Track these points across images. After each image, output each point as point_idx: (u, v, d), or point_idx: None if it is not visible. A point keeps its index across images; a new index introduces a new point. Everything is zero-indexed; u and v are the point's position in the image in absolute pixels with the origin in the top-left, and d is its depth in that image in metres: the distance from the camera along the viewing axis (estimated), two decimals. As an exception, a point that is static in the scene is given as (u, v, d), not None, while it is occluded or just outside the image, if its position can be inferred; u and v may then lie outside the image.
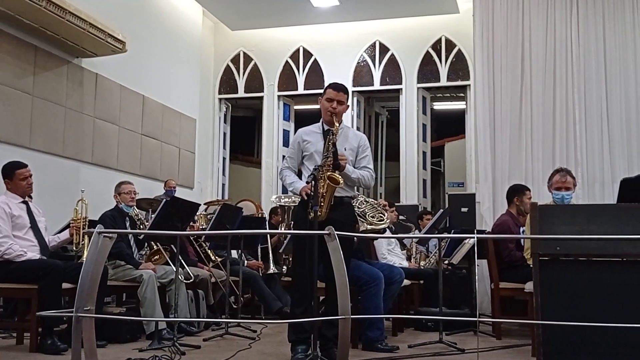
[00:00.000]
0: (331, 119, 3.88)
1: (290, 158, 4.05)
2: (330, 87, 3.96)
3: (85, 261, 2.92)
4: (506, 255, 5.10)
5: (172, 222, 4.62)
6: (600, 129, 7.47)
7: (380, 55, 9.39)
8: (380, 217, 4.44)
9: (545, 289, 2.80)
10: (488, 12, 7.96)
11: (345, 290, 2.87)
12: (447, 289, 6.24)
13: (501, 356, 4.34)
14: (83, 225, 4.60)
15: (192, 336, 5.00)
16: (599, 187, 7.33)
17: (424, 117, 9.42)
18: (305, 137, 3.99)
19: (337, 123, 3.85)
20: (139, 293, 4.81)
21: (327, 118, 3.92)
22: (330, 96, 3.89)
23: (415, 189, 9.18)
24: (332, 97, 3.89)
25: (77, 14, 6.15)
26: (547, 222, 2.83)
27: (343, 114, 3.98)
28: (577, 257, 2.79)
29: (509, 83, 7.79)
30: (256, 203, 8.58)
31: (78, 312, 2.80)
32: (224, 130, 10.18)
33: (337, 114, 3.87)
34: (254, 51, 9.86)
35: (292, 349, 3.84)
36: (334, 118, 3.85)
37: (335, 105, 3.87)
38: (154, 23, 8.31)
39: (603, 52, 7.59)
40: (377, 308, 4.44)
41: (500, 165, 7.65)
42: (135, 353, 4.07)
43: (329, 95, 3.90)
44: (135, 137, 7.87)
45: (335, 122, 3.81)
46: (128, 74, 7.67)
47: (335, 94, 3.90)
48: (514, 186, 5.70)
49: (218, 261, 6.06)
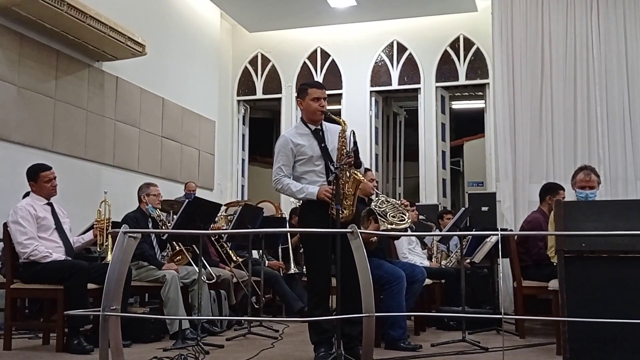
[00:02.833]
0: (321, 117, 3.89)
1: (285, 166, 3.89)
2: (314, 87, 3.93)
3: (111, 261, 2.95)
4: (535, 253, 5.05)
5: (194, 222, 4.64)
6: (622, 127, 7.39)
7: (398, 54, 9.38)
8: (402, 217, 4.42)
9: (570, 286, 2.79)
10: (507, 10, 7.90)
11: (369, 288, 2.88)
12: (469, 288, 6.21)
13: (526, 355, 4.31)
14: (106, 226, 4.65)
15: (215, 336, 5.03)
16: (622, 185, 7.25)
17: (443, 117, 9.38)
18: (296, 141, 3.89)
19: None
20: (162, 293, 4.86)
21: (317, 117, 3.90)
22: (317, 95, 3.87)
23: (435, 188, 9.15)
24: (319, 95, 3.87)
25: (97, 18, 6.22)
26: (572, 218, 2.81)
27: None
28: (603, 253, 2.78)
29: (529, 81, 7.73)
30: (275, 204, 8.60)
31: (105, 311, 2.83)
32: (243, 131, 10.23)
33: (326, 112, 3.88)
34: (271, 53, 9.90)
35: (315, 349, 3.85)
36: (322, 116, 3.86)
37: (323, 103, 3.87)
38: (172, 26, 8.38)
39: (624, 49, 7.51)
40: (399, 307, 4.43)
41: (520, 163, 7.59)
42: (160, 352, 4.11)
43: (315, 94, 3.87)
44: (156, 139, 7.94)
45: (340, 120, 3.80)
46: (148, 77, 7.74)
47: (321, 92, 3.89)
48: (548, 184, 5.65)
49: (239, 261, 6.09)
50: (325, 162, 3.85)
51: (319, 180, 3.84)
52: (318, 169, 3.86)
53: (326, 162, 3.84)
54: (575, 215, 2.82)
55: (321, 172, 3.85)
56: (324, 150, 3.87)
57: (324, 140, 3.90)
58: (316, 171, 3.86)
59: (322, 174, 3.85)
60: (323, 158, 3.86)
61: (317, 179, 3.84)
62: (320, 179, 3.84)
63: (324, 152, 3.87)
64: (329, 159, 3.84)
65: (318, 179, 3.84)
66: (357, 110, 9.38)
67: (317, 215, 3.74)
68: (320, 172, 3.85)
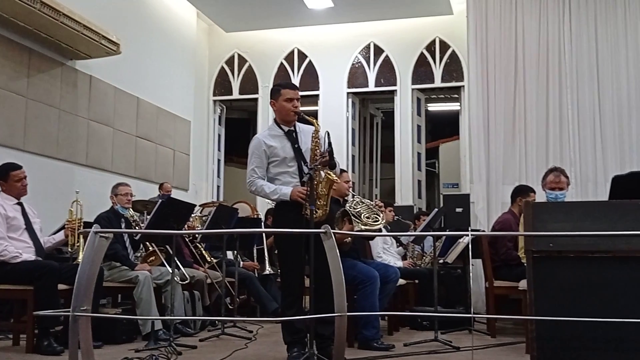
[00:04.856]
0: (294, 118, 3.90)
1: (258, 168, 3.89)
2: (287, 87, 3.93)
3: (81, 261, 2.92)
4: (503, 253, 5.12)
5: (167, 223, 4.62)
6: (592, 129, 7.53)
7: (375, 56, 9.42)
8: (376, 217, 4.45)
9: (538, 286, 2.82)
10: (481, 13, 8.00)
11: (342, 288, 2.89)
12: (442, 288, 6.26)
13: (496, 354, 4.36)
14: (78, 226, 4.60)
15: (189, 337, 5.00)
16: (592, 186, 7.38)
17: (419, 119, 9.45)
18: (269, 142, 3.90)
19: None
20: (135, 294, 4.82)
21: (290, 118, 3.91)
22: (290, 96, 3.88)
23: (410, 190, 9.20)
24: (292, 96, 3.88)
25: (70, 16, 6.15)
26: (541, 219, 2.85)
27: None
28: (570, 253, 2.82)
29: (503, 84, 7.83)
30: (251, 205, 8.59)
31: (75, 312, 2.80)
32: (219, 132, 10.19)
33: (299, 113, 3.89)
34: (248, 53, 9.88)
35: (288, 349, 3.86)
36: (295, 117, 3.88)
37: (296, 104, 3.88)
38: (148, 25, 8.32)
39: (595, 52, 7.65)
40: (372, 307, 4.46)
41: (494, 165, 7.69)
42: (132, 353, 4.07)
43: (288, 95, 3.88)
44: (130, 139, 7.87)
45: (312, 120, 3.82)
46: (122, 76, 7.67)
47: (294, 92, 3.90)
48: (520, 187, 5.74)
49: (214, 262, 6.06)
50: (299, 163, 3.85)
51: (292, 181, 3.84)
52: (291, 170, 3.87)
53: (299, 163, 3.85)
54: (543, 216, 2.85)
55: (295, 173, 3.86)
56: (297, 151, 3.88)
57: (297, 141, 3.91)
58: (290, 172, 3.87)
59: (296, 175, 3.85)
60: (296, 159, 3.87)
61: (290, 180, 3.85)
62: (294, 179, 3.85)
63: (297, 153, 3.88)
64: (302, 160, 3.84)
65: (292, 179, 3.85)
66: (334, 112, 9.40)
67: (291, 216, 3.74)
68: (294, 173, 3.86)
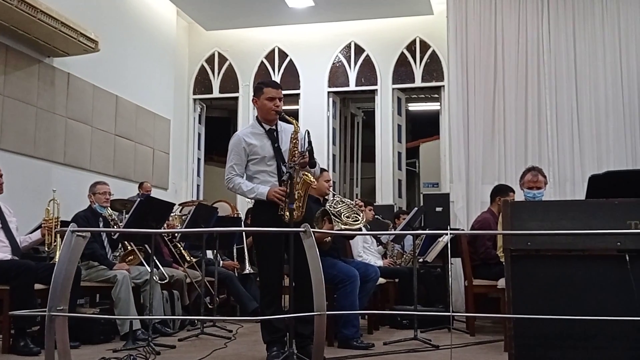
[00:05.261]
0: (275, 117, 3.89)
1: (237, 165, 3.90)
2: (269, 86, 3.92)
3: (58, 260, 2.89)
4: (482, 252, 5.17)
5: (146, 222, 4.58)
6: (570, 129, 7.62)
7: (356, 56, 9.43)
8: (356, 217, 4.45)
9: (516, 284, 2.84)
10: (461, 13, 8.06)
11: (321, 287, 2.89)
12: (422, 287, 6.30)
13: (475, 352, 4.39)
14: (55, 225, 4.54)
15: (167, 336, 4.97)
16: (570, 186, 7.47)
17: (399, 118, 9.48)
18: (248, 140, 3.90)
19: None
20: (113, 294, 4.78)
21: (271, 117, 3.90)
22: (272, 95, 3.87)
23: (391, 189, 9.22)
24: (274, 95, 3.87)
25: (48, 13, 6.07)
26: (519, 218, 2.87)
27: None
28: (547, 252, 2.84)
29: (482, 84, 7.90)
30: (231, 204, 8.55)
31: (51, 312, 2.77)
32: (199, 130, 10.13)
33: (281, 112, 3.88)
34: (228, 51, 9.83)
35: (267, 348, 3.85)
36: (276, 116, 3.87)
37: (278, 103, 3.87)
38: (127, 22, 8.24)
39: (573, 53, 7.75)
40: (352, 306, 4.47)
41: (473, 165, 7.75)
42: (110, 353, 4.04)
43: (269, 94, 3.87)
44: (109, 137, 7.79)
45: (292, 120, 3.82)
46: (101, 74, 7.59)
47: (276, 91, 3.89)
48: (499, 186, 5.79)
49: (193, 261, 6.03)
50: (278, 162, 3.85)
51: (271, 180, 3.84)
52: (270, 169, 3.86)
53: (278, 162, 3.84)
54: (521, 215, 2.87)
55: (273, 172, 3.85)
56: (277, 150, 3.87)
57: (278, 140, 3.90)
58: (268, 171, 3.86)
59: (274, 174, 3.85)
60: (275, 158, 3.86)
61: (269, 179, 3.85)
62: (272, 179, 3.84)
63: (276, 153, 3.87)
64: (281, 159, 3.84)
65: (270, 179, 3.84)
66: (315, 111, 9.40)
67: (268, 215, 3.73)
68: (272, 172, 3.85)
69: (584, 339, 2.72)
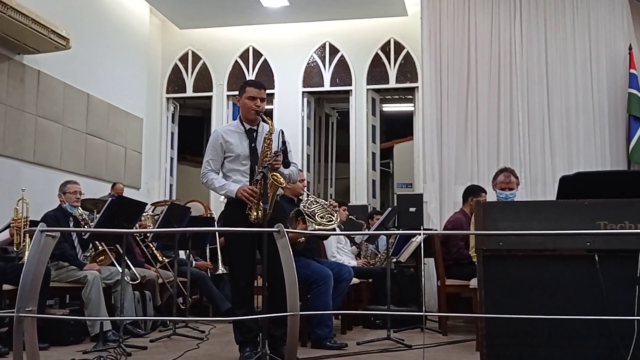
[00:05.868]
0: (256, 117, 3.88)
1: (213, 160, 3.90)
2: (252, 85, 3.90)
3: (26, 260, 2.84)
4: (454, 252, 5.21)
5: (118, 221, 4.53)
6: (542, 130, 7.73)
7: (330, 56, 9.44)
8: (330, 217, 4.45)
9: (488, 284, 2.87)
10: (435, 15, 8.12)
11: (295, 287, 2.88)
12: (395, 287, 6.33)
13: (447, 351, 4.42)
14: (24, 225, 4.46)
15: (139, 337, 4.91)
16: (541, 186, 7.57)
17: (374, 119, 9.51)
18: (226, 137, 3.89)
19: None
20: (84, 294, 4.71)
21: (251, 117, 3.89)
22: (253, 94, 3.85)
23: (365, 189, 9.25)
24: (255, 95, 3.85)
25: (19, 9, 5.96)
26: (491, 218, 2.90)
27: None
28: (518, 252, 2.88)
29: (456, 85, 7.97)
30: (205, 204, 8.49)
31: (19, 313, 2.72)
32: (172, 130, 10.03)
33: (261, 112, 3.86)
34: (202, 50, 9.76)
35: (240, 349, 3.83)
36: (258, 116, 3.85)
37: (259, 103, 3.85)
38: (99, 20, 8.13)
39: (544, 55, 7.86)
40: (326, 306, 4.47)
41: (446, 165, 7.81)
42: (80, 355, 3.98)
43: (251, 93, 3.86)
44: (80, 136, 7.68)
45: (269, 121, 3.81)
46: (72, 72, 7.47)
47: (258, 91, 3.87)
48: (471, 187, 5.85)
49: (165, 262, 5.97)
50: (252, 163, 3.83)
51: (242, 180, 3.83)
52: (243, 169, 3.85)
53: (252, 163, 3.83)
54: (493, 215, 2.91)
55: (246, 172, 3.84)
56: (253, 150, 3.86)
57: (256, 141, 3.88)
58: (241, 171, 3.85)
59: (247, 174, 3.84)
60: (250, 158, 3.84)
61: (241, 179, 3.83)
62: (244, 179, 3.83)
63: (252, 153, 3.85)
64: (256, 160, 3.82)
65: (242, 178, 3.83)
66: (290, 111, 9.38)
67: (239, 214, 3.72)
68: (245, 172, 3.84)
69: (554, 338, 2.76)
